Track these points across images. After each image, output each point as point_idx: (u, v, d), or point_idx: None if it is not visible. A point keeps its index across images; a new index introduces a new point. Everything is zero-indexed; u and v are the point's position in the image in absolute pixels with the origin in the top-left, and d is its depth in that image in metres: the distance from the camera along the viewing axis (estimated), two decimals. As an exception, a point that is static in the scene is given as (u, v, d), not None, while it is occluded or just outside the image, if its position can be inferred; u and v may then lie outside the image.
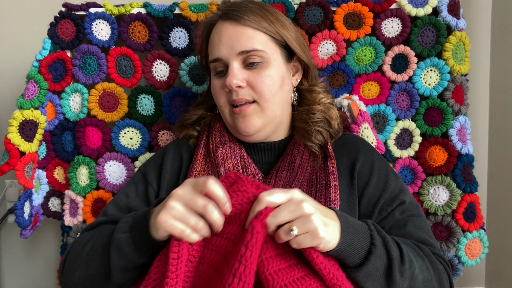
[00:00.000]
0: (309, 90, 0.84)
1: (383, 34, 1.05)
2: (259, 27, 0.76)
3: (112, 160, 1.06)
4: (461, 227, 1.04)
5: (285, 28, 0.79)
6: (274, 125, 0.80)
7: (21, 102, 0.95)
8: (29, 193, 0.98)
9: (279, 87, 0.78)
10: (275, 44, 0.78)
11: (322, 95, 0.83)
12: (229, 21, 0.77)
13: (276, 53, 0.78)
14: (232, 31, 0.76)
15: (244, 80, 0.76)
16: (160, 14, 1.04)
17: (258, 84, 0.76)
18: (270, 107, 0.77)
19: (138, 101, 1.07)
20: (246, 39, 0.75)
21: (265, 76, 0.76)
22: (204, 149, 0.83)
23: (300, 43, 0.82)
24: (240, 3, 0.80)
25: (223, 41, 0.76)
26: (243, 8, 0.77)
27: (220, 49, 0.77)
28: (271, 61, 0.77)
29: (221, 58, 0.77)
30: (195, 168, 0.80)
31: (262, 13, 0.78)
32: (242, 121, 0.78)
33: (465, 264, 1.05)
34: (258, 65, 0.76)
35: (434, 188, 1.05)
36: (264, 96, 0.76)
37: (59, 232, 1.22)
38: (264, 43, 0.76)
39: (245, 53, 0.75)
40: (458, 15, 1.03)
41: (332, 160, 0.78)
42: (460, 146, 1.04)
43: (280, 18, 0.80)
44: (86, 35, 1.04)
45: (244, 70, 0.77)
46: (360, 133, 0.98)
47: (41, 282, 1.27)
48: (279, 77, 0.78)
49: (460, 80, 1.04)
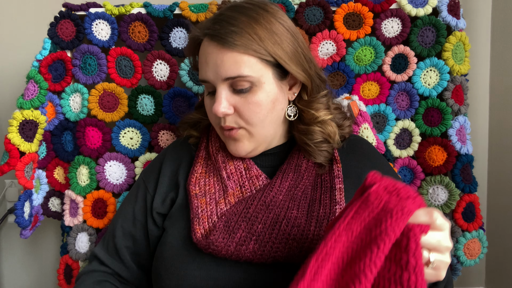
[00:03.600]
0: (308, 106, 0.77)
1: (383, 34, 1.05)
2: (246, 50, 0.68)
3: (112, 160, 1.06)
4: (460, 227, 1.04)
5: (279, 43, 0.70)
6: (267, 143, 0.78)
7: (21, 102, 0.95)
8: (29, 193, 0.98)
9: (268, 112, 0.72)
10: (265, 64, 0.70)
11: (321, 112, 0.77)
12: (214, 43, 0.70)
13: (267, 75, 0.71)
14: (217, 55, 0.69)
15: (231, 107, 0.71)
16: (160, 14, 1.04)
17: (245, 111, 0.71)
18: (259, 131, 0.74)
19: (138, 101, 1.07)
20: (232, 64, 0.68)
21: (253, 104, 0.71)
22: (204, 151, 0.82)
23: (297, 55, 0.73)
24: (228, 17, 0.70)
25: (209, 64, 0.71)
26: (230, 27, 0.69)
27: (207, 71, 0.71)
28: (260, 84, 0.70)
29: (208, 81, 0.72)
30: (196, 170, 0.79)
31: (251, 30, 0.69)
32: (232, 144, 0.75)
33: (464, 264, 1.05)
34: (246, 90, 0.70)
35: (433, 188, 1.05)
36: (251, 123, 0.72)
37: (59, 232, 1.22)
38: (253, 66, 0.69)
39: (231, 79, 0.69)
40: (458, 15, 1.03)
41: (338, 164, 0.77)
42: (459, 146, 1.04)
43: (274, 29, 0.71)
44: (86, 35, 1.04)
45: (233, 95, 0.71)
46: (360, 133, 0.98)
47: (41, 282, 1.27)
48: (269, 101, 0.72)
49: (460, 80, 1.04)
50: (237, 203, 0.73)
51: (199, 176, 0.78)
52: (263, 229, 0.69)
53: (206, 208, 0.73)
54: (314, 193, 0.74)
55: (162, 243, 0.75)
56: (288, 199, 0.72)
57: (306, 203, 0.73)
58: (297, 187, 0.74)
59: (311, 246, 0.67)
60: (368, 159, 0.81)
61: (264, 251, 0.67)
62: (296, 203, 0.72)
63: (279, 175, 0.76)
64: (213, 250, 0.68)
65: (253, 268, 0.68)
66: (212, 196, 0.75)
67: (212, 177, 0.78)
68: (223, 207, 0.73)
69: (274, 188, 0.73)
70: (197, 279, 0.68)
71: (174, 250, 0.72)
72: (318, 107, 0.77)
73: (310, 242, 0.67)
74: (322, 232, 0.69)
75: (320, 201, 0.73)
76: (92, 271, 0.81)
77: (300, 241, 0.68)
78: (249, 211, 0.71)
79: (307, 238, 0.68)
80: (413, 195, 0.48)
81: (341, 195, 0.73)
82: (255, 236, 0.68)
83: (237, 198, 0.74)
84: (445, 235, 0.51)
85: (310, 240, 0.68)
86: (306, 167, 0.76)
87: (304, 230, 0.69)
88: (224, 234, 0.68)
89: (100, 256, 0.82)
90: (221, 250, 0.67)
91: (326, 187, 0.75)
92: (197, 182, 0.77)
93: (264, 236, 0.68)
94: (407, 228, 0.46)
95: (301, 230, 0.69)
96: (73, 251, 1.04)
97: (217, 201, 0.74)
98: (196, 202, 0.73)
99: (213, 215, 0.72)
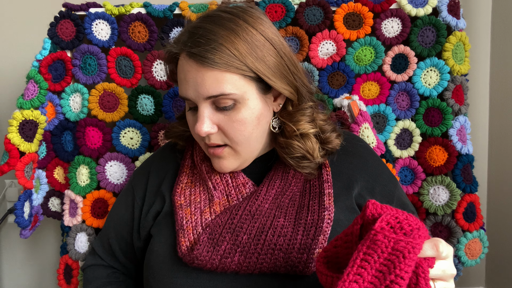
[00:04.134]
0: (289, 119, 0.73)
1: (383, 34, 1.05)
2: (228, 68, 0.64)
3: (113, 160, 1.06)
4: (461, 227, 1.04)
5: (261, 58, 0.66)
6: (253, 158, 0.75)
7: (21, 102, 0.95)
8: (29, 193, 0.98)
9: (254, 128, 0.70)
10: (248, 80, 0.67)
11: (303, 125, 0.72)
12: (193, 60, 0.65)
13: (250, 91, 0.67)
14: (197, 73, 0.65)
15: (215, 126, 0.69)
16: (160, 14, 1.04)
17: (229, 130, 0.68)
18: (245, 149, 0.71)
19: (138, 101, 1.07)
20: (213, 83, 0.65)
21: (237, 122, 0.68)
22: (190, 160, 0.80)
23: (281, 68, 0.69)
24: (206, 32, 0.65)
25: (189, 82, 0.67)
26: (209, 44, 0.64)
27: (187, 89, 0.68)
28: (244, 101, 0.67)
29: (189, 99, 0.69)
30: (181, 180, 0.77)
31: (231, 45, 0.64)
32: (217, 162, 0.73)
33: (465, 264, 1.05)
34: (231, 107, 0.67)
35: (434, 188, 1.05)
36: (237, 141, 0.70)
37: (59, 232, 1.22)
38: (235, 83, 0.66)
39: (213, 97, 0.66)
40: (458, 15, 1.03)
41: (327, 168, 0.75)
42: (460, 146, 1.04)
43: (255, 41, 0.66)
44: (86, 35, 1.04)
45: (216, 112, 0.68)
46: (360, 133, 0.98)
47: (41, 282, 1.27)
48: (254, 118, 0.69)
49: (460, 80, 1.04)
50: (222, 212, 0.71)
51: (185, 186, 0.76)
52: (248, 240, 0.67)
53: (191, 219, 0.71)
54: (302, 199, 0.73)
55: (150, 250, 0.75)
56: (274, 207, 0.71)
57: (294, 210, 0.71)
58: (284, 194, 0.72)
59: (298, 256, 0.66)
60: (361, 161, 0.79)
61: (250, 263, 0.66)
62: (283, 211, 0.70)
63: (265, 183, 0.74)
64: (198, 265, 0.67)
65: (241, 277, 0.67)
66: (197, 206, 0.73)
67: (198, 186, 0.76)
68: (208, 217, 0.71)
69: (260, 197, 0.71)
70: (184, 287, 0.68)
71: (161, 258, 0.71)
72: (301, 119, 0.72)
73: (297, 252, 0.66)
74: (309, 240, 0.67)
75: (309, 207, 0.71)
76: (94, 265, 0.87)
77: (287, 251, 0.66)
78: (233, 222, 0.69)
79: (293, 248, 0.66)
80: (415, 226, 0.48)
81: (330, 200, 0.71)
82: (240, 247, 0.67)
83: (223, 206, 0.72)
84: (449, 263, 0.50)
85: (297, 250, 0.66)
86: (294, 173, 0.74)
87: (291, 240, 0.67)
88: (208, 247, 0.67)
89: (99, 252, 0.87)
90: (206, 263, 0.66)
91: (315, 192, 0.73)
92: (182, 193, 0.75)
93: (249, 247, 0.67)
94: (416, 264, 0.46)
95: (288, 239, 0.67)
96: (72, 251, 1.03)
97: (202, 211, 0.72)
98: (180, 213, 0.72)
99: (198, 226, 0.70)
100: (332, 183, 0.74)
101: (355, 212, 0.75)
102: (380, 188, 0.78)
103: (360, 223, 0.50)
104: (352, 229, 0.51)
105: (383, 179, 0.79)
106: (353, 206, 0.75)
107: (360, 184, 0.77)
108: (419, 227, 0.48)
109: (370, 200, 0.50)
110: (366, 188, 0.77)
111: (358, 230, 0.50)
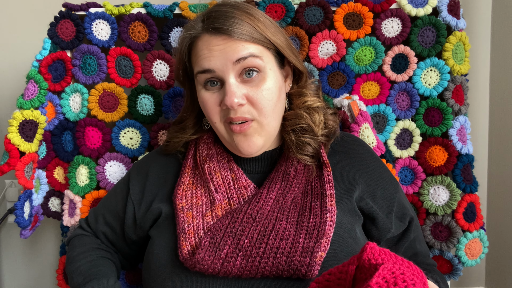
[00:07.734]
0: (298, 94, 0.79)
1: (383, 34, 1.05)
2: (252, 39, 0.70)
3: (112, 160, 1.06)
4: (461, 227, 1.04)
5: (275, 34, 0.74)
6: (272, 139, 0.76)
7: (21, 102, 0.95)
8: (29, 193, 0.98)
9: (277, 100, 0.73)
10: (269, 52, 0.73)
11: (309, 98, 0.78)
12: (219, 35, 0.70)
13: (272, 62, 0.73)
14: (225, 45, 0.69)
15: (244, 97, 0.70)
16: (160, 14, 1.04)
17: (259, 100, 0.70)
18: (270, 123, 0.73)
19: (138, 101, 1.07)
20: (241, 48, 0.69)
21: (265, 90, 0.70)
22: (192, 160, 0.80)
23: (290, 46, 0.77)
24: (224, 12, 0.71)
25: (215, 54, 0.70)
26: (231, 19, 0.70)
27: (212, 60, 0.70)
28: (267, 71, 0.71)
29: (214, 70, 0.70)
30: (183, 181, 0.77)
31: (251, 21, 0.71)
32: (244, 141, 0.72)
33: (465, 264, 1.05)
34: (256, 77, 0.70)
35: (434, 188, 1.05)
36: (265, 112, 0.71)
37: (59, 232, 1.22)
38: (260, 53, 0.71)
39: (243, 60, 0.69)
40: (458, 15, 1.03)
41: (328, 168, 0.75)
42: (460, 146, 1.04)
43: (267, 23, 0.74)
44: (86, 35, 1.04)
45: (242, 85, 0.70)
46: (361, 133, 0.98)
47: (41, 282, 1.27)
48: (277, 89, 0.72)
49: (460, 80, 1.04)
50: (223, 216, 0.71)
51: (186, 188, 0.76)
52: (250, 243, 0.66)
53: (193, 222, 0.71)
54: (304, 201, 0.72)
55: (149, 253, 0.74)
56: (276, 210, 0.70)
57: (296, 212, 0.70)
58: (286, 196, 0.72)
59: (301, 259, 0.65)
60: (362, 164, 0.79)
61: (252, 267, 0.65)
62: (285, 213, 0.70)
63: (266, 185, 0.73)
64: (200, 269, 0.66)
65: (243, 282, 0.67)
66: (199, 209, 0.72)
67: (199, 188, 0.76)
68: (210, 221, 0.71)
69: (260, 199, 0.71)
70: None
71: (162, 261, 0.71)
72: (308, 93, 0.79)
73: (299, 255, 0.65)
74: (312, 243, 0.66)
75: (311, 209, 0.70)
76: (82, 234, 0.87)
77: (289, 255, 0.65)
78: (235, 225, 0.68)
79: (296, 251, 0.66)
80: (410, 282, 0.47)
81: (332, 201, 0.70)
82: (241, 251, 0.66)
83: (224, 210, 0.72)
84: None
85: (299, 253, 0.65)
86: (295, 175, 0.74)
87: (293, 243, 0.66)
88: (210, 252, 0.66)
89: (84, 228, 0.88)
90: (208, 268, 0.66)
91: (316, 194, 0.72)
92: (183, 195, 0.75)
93: (251, 251, 0.66)
94: None
95: (290, 242, 0.66)
96: (73, 251, 1.04)
97: (204, 214, 0.72)
98: (182, 216, 0.71)
99: (200, 230, 0.70)
100: (334, 185, 0.74)
101: (357, 215, 0.74)
102: (381, 191, 0.78)
103: (356, 264, 0.50)
104: (347, 268, 0.50)
105: (384, 182, 0.79)
106: (354, 209, 0.74)
107: (361, 187, 0.76)
108: (414, 283, 0.47)
109: (368, 242, 0.50)
110: (367, 191, 0.77)
111: (353, 271, 0.50)
